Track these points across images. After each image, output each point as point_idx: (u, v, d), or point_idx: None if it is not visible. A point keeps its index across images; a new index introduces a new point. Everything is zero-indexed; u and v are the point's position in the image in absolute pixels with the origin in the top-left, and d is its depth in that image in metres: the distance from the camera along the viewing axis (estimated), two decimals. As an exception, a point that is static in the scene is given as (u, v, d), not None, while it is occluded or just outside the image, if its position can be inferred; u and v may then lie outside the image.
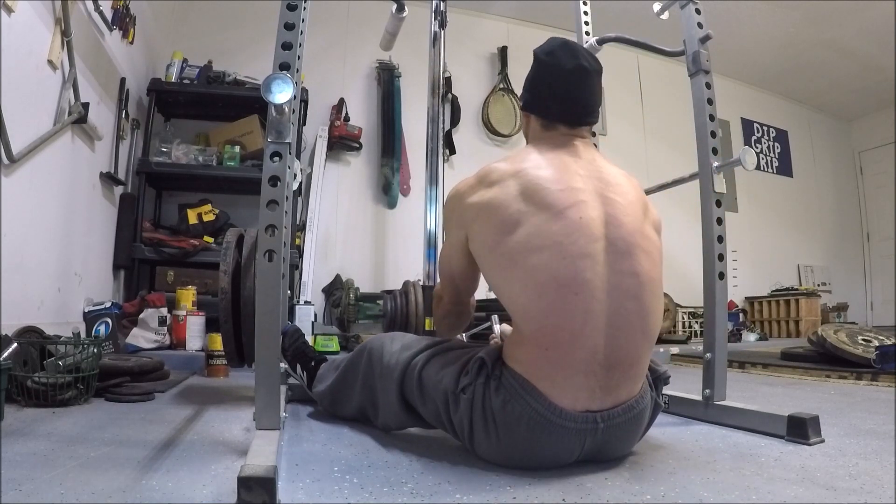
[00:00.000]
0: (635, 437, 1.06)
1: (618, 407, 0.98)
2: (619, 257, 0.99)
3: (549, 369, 0.95)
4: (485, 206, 1.04)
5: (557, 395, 0.94)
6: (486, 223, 1.04)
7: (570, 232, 0.97)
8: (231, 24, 3.71)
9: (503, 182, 1.04)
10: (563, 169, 1.05)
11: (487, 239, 1.03)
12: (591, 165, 1.08)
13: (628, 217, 1.02)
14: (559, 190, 1.01)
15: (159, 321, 2.52)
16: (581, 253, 0.96)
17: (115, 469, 0.92)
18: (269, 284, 1.02)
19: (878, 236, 5.81)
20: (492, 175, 1.06)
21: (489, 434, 0.98)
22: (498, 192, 1.03)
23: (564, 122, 1.12)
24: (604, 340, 0.95)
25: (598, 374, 0.95)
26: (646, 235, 1.04)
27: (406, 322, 1.70)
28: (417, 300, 1.71)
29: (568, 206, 0.99)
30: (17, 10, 1.75)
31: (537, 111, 1.16)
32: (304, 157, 3.57)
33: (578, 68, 1.10)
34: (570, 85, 1.11)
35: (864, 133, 6.03)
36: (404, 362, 1.14)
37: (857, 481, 0.92)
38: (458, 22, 2.80)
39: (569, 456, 0.98)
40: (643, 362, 1.02)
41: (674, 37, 1.58)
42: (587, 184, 1.03)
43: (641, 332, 0.99)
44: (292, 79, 1.04)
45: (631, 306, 0.98)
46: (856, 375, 2.26)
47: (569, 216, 0.98)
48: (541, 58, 1.14)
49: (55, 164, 2.13)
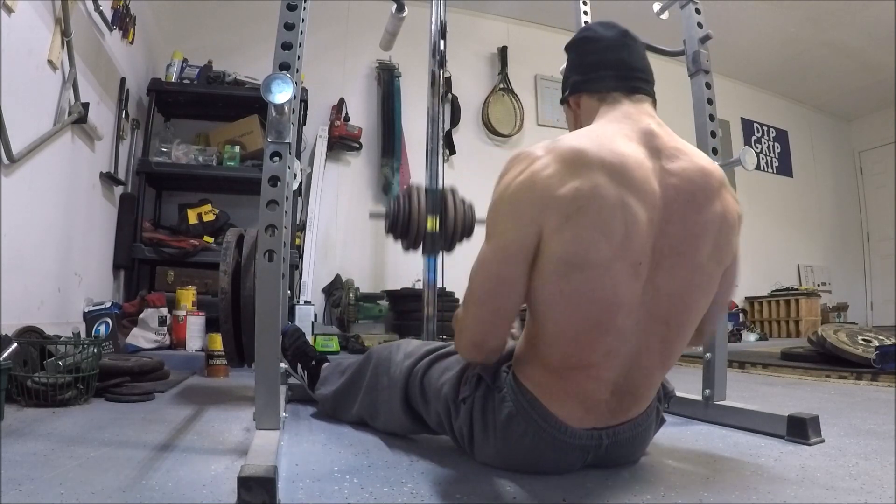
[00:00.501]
0: (640, 450, 1.04)
1: (623, 424, 0.96)
2: (661, 272, 0.86)
3: (561, 393, 0.92)
4: (581, 204, 0.81)
5: (565, 415, 0.91)
6: (582, 227, 0.82)
7: (623, 242, 0.82)
8: (231, 24, 3.71)
9: (593, 172, 0.82)
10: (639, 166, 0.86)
11: (574, 247, 0.82)
12: (662, 151, 0.89)
13: (688, 228, 0.86)
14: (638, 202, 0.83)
15: (159, 321, 2.52)
16: (625, 271, 0.83)
17: (115, 469, 0.92)
18: (269, 284, 1.02)
19: (878, 236, 5.81)
20: (582, 160, 0.83)
21: (490, 443, 0.97)
22: (597, 189, 0.82)
23: (622, 89, 0.96)
24: (622, 373, 0.90)
25: (610, 401, 0.92)
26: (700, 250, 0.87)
27: (408, 224, 1.73)
28: (420, 203, 1.74)
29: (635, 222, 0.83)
30: (17, 10, 1.75)
31: (589, 87, 0.99)
32: (304, 157, 3.57)
33: (623, 34, 1.00)
34: (619, 50, 0.99)
35: (864, 133, 6.03)
36: (407, 370, 1.14)
37: (857, 481, 0.92)
38: (458, 22, 2.80)
39: (570, 468, 0.97)
40: (655, 387, 0.98)
41: (674, 37, 1.58)
42: (656, 185, 0.86)
43: (661, 364, 0.93)
44: (292, 79, 1.04)
45: (660, 331, 0.89)
46: (856, 375, 2.26)
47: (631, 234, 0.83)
48: (578, 39, 1.04)
49: (55, 164, 2.13)
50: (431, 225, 1.74)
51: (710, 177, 0.90)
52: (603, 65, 0.99)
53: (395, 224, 1.73)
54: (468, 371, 1.01)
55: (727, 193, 0.92)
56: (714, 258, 0.89)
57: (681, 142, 0.94)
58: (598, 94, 0.98)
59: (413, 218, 1.71)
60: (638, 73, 0.99)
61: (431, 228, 1.73)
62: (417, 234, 1.75)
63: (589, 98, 0.99)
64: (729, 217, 0.90)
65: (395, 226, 1.73)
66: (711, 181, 0.90)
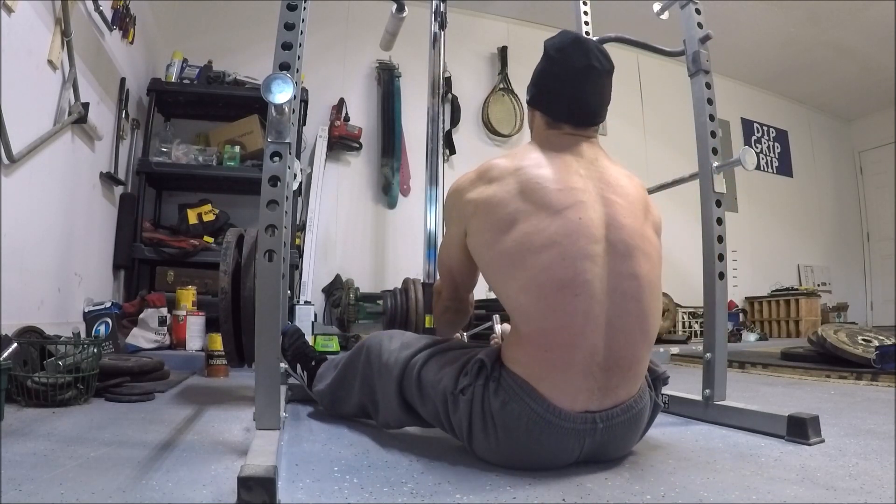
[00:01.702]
0: (635, 437, 1.06)
1: (616, 407, 0.98)
2: (618, 259, 0.98)
3: (548, 370, 0.95)
4: (483, 203, 1.04)
5: (556, 397, 0.94)
6: (484, 220, 1.03)
7: (570, 233, 0.97)
8: (231, 24, 3.71)
9: (503, 179, 1.03)
10: (564, 168, 1.04)
11: (485, 236, 1.03)
12: (593, 165, 1.07)
13: (628, 219, 1.02)
14: (558, 189, 1.00)
15: (159, 321, 2.52)
16: (581, 254, 0.96)
17: (115, 469, 0.92)
18: (269, 284, 1.02)
19: (878, 236, 5.82)
20: (492, 171, 1.06)
21: (488, 434, 0.98)
22: (497, 189, 1.03)
23: (570, 122, 1.11)
24: (603, 342, 0.95)
25: (597, 376, 0.95)
26: (646, 237, 1.04)
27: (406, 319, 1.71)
28: (417, 298, 1.72)
29: (567, 206, 0.99)
30: (17, 10, 1.75)
31: (543, 108, 1.14)
32: (304, 157, 3.57)
33: (588, 68, 1.08)
34: (578, 85, 1.09)
35: (864, 133, 6.03)
36: (403, 361, 1.13)
37: (857, 481, 0.92)
38: (458, 22, 2.80)
39: (568, 456, 0.98)
40: (642, 363, 1.02)
41: (674, 37, 1.58)
42: (588, 184, 1.03)
43: (641, 333, 0.99)
44: (292, 79, 1.04)
45: (630, 308, 0.98)
46: (856, 375, 2.26)
47: (568, 216, 0.98)
48: (551, 53, 1.12)
49: (55, 164, 2.13)
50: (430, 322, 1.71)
51: (632, 179, 1.11)
52: (560, 96, 1.11)
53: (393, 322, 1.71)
54: (470, 363, 1.01)
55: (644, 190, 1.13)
56: (653, 230, 1.07)
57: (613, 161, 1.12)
58: (548, 118, 1.13)
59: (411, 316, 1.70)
60: (588, 109, 1.11)
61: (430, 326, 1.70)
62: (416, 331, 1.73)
63: (541, 117, 1.14)
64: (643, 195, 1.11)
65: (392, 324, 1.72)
66: (634, 181, 1.11)
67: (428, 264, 1.91)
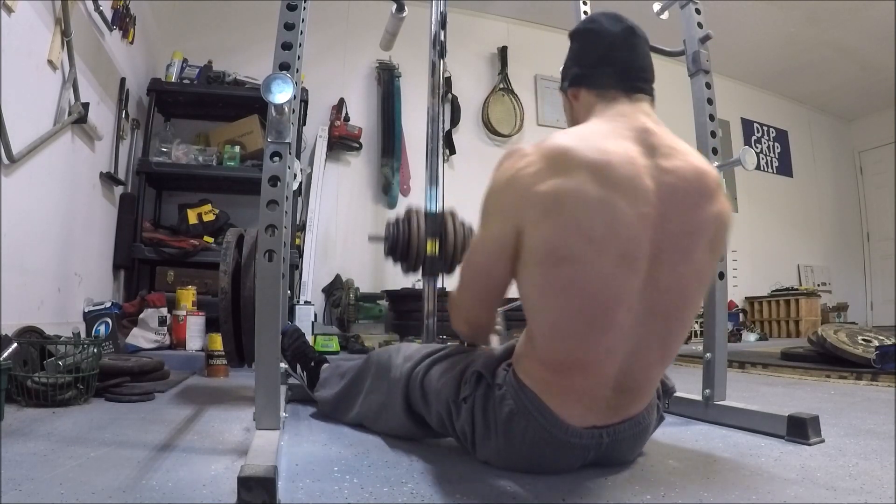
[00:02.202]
0: (640, 448, 1.05)
1: (624, 423, 0.96)
2: (661, 267, 0.87)
3: (560, 390, 0.92)
4: (561, 203, 0.84)
5: (566, 413, 0.92)
6: (561, 222, 0.84)
7: (606, 237, 0.84)
8: (231, 24, 3.71)
9: (578, 172, 0.84)
10: (628, 160, 0.87)
11: (557, 244, 0.85)
12: (655, 149, 0.90)
13: (685, 225, 0.87)
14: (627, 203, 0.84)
15: (159, 321, 2.52)
16: (622, 270, 0.84)
17: (115, 469, 0.92)
18: (269, 284, 1.02)
19: (878, 236, 5.81)
20: (566, 158, 0.85)
21: (491, 441, 0.97)
22: (577, 186, 0.83)
23: (622, 87, 0.97)
24: (621, 368, 0.90)
25: (609, 397, 0.92)
26: (702, 235, 0.89)
27: (408, 246, 1.72)
28: (420, 225, 1.73)
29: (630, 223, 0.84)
30: (17, 10, 1.75)
31: (589, 82, 1.00)
32: (304, 157, 3.57)
33: (628, 30, 0.98)
34: (622, 47, 0.98)
35: (864, 133, 6.03)
36: (407, 373, 1.14)
37: (857, 481, 0.92)
38: (458, 22, 2.79)
39: (571, 468, 0.97)
40: (655, 383, 0.99)
41: (674, 37, 1.58)
42: (646, 176, 0.87)
43: (660, 357, 0.94)
44: (292, 79, 1.04)
45: (657, 328, 0.89)
46: (856, 375, 2.26)
47: (622, 236, 0.84)
48: (582, 29, 1.03)
49: (55, 164, 2.13)
50: (431, 248, 1.72)
51: (707, 176, 0.92)
52: (604, 61, 0.99)
53: (395, 248, 1.72)
54: (468, 370, 1.01)
55: (722, 194, 0.94)
56: (709, 255, 0.91)
57: (678, 141, 0.94)
58: (597, 90, 0.98)
59: (412, 242, 1.71)
60: (638, 72, 0.99)
61: (431, 252, 1.72)
62: (417, 258, 1.74)
63: (587, 93, 1.00)
64: (724, 217, 0.92)
65: (394, 249, 1.72)
66: (708, 180, 0.91)
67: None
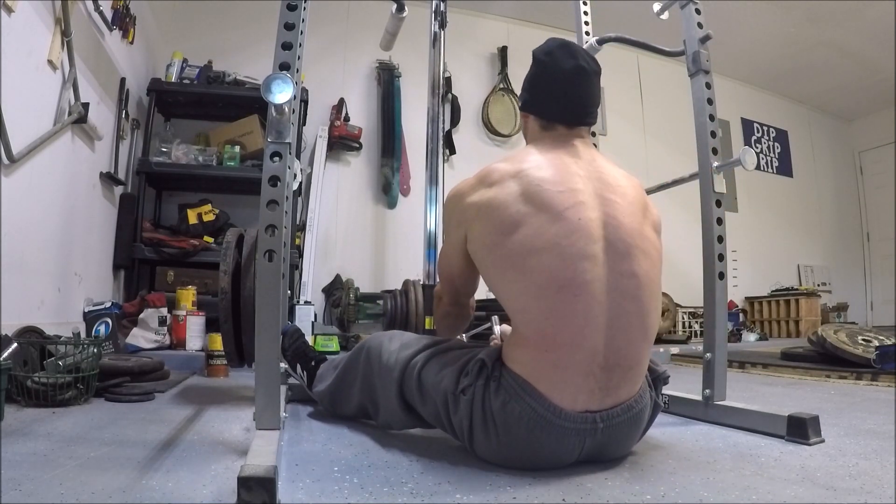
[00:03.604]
0: (635, 437, 1.06)
1: (617, 407, 0.98)
2: (618, 258, 0.99)
3: (549, 370, 0.95)
4: (485, 206, 1.04)
5: (557, 396, 0.95)
6: (485, 223, 1.04)
7: (570, 233, 0.97)
8: (231, 24, 3.71)
9: (503, 182, 1.04)
10: (563, 170, 1.05)
11: (486, 239, 1.03)
12: (591, 166, 1.08)
13: (627, 218, 1.02)
14: (559, 191, 1.01)
15: (159, 321, 2.53)
16: (580, 254, 0.96)
17: (115, 469, 0.92)
18: (269, 284, 1.02)
19: (878, 236, 5.81)
20: (492, 175, 1.06)
21: (489, 434, 0.98)
22: (498, 193, 1.03)
23: (563, 122, 1.13)
24: (603, 342, 0.95)
25: (598, 375, 0.96)
26: (645, 236, 1.04)
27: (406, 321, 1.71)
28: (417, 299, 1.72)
29: (567, 207, 0.99)
30: (17, 10, 1.75)
31: (536, 111, 1.16)
32: (304, 157, 3.57)
33: (577, 68, 1.11)
34: (568, 85, 1.12)
35: (864, 133, 6.03)
36: (403, 362, 1.13)
37: (857, 481, 0.92)
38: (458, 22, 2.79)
39: (568, 456, 0.98)
40: (643, 363, 1.02)
41: (674, 37, 1.58)
42: (587, 185, 1.04)
43: (641, 332, 1.00)
44: (292, 79, 1.04)
45: (630, 307, 0.98)
46: (856, 375, 2.26)
47: (568, 217, 0.98)
48: (539, 58, 1.15)
49: (55, 164, 2.13)
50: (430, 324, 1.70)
51: (635, 184, 1.11)
52: (551, 95, 1.14)
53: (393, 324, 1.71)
54: (471, 362, 1.01)
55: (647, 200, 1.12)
56: (653, 229, 1.08)
57: (607, 160, 1.13)
58: (542, 121, 1.15)
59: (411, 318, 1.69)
60: (582, 108, 1.14)
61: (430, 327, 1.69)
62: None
63: (534, 120, 1.16)
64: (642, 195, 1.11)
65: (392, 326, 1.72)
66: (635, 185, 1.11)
67: (428, 265, 1.91)
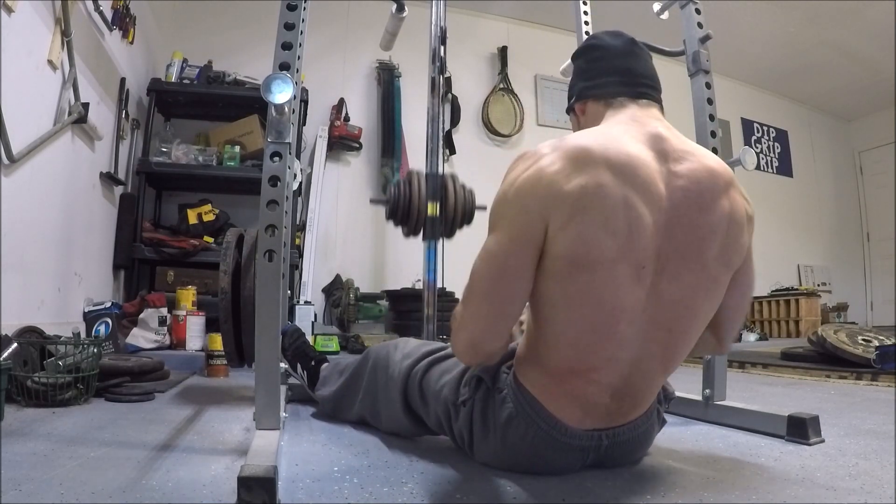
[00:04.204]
0: (640, 451, 1.04)
1: (624, 426, 0.96)
2: (666, 278, 0.84)
3: (560, 395, 0.91)
4: (587, 200, 0.80)
5: (566, 417, 0.91)
6: (587, 224, 0.80)
7: (626, 242, 0.81)
8: (231, 24, 3.71)
9: (601, 171, 0.81)
10: (642, 162, 0.85)
11: (578, 246, 0.81)
12: (668, 153, 0.88)
13: (693, 226, 0.84)
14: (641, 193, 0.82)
15: (159, 321, 2.52)
16: (631, 276, 0.82)
17: (115, 469, 0.92)
18: (269, 284, 1.02)
19: (878, 236, 5.81)
20: (589, 157, 0.82)
21: (490, 444, 0.97)
22: (600, 184, 0.81)
23: (628, 93, 0.96)
24: (622, 377, 0.90)
25: (609, 403, 0.92)
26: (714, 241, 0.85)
27: (408, 209, 1.73)
28: (420, 188, 1.74)
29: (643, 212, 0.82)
30: (17, 10, 1.75)
31: (595, 93, 0.99)
32: (304, 157, 3.57)
33: (628, 42, 1.00)
34: (625, 58, 0.99)
35: (864, 133, 6.03)
36: (406, 371, 1.13)
37: (857, 481, 0.92)
38: (458, 22, 2.80)
39: (570, 469, 0.96)
40: (655, 392, 0.98)
41: (674, 37, 1.58)
42: (659, 179, 0.85)
43: (661, 368, 0.93)
44: (292, 79, 1.04)
45: (661, 338, 0.88)
46: (856, 375, 2.26)
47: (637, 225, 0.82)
48: (585, 47, 1.04)
49: (55, 164, 2.13)
50: (432, 210, 1.73)
51: (717, 176, 0.88)
52: (609, 71, 0.99)
53: (396, 209, 1.73)
54: (468, 373, 1.01)
55: (735, 192, 0.90)
56: (721, 261, 0.87)
57: (690, 144, 0.92)
58: (605, 98, 0.98)
59: (413, 203, 1.72)
60: (644, 79, 0.98)
61: (432, 214, 1.73)
62: (418, 220, 1.75)
63: (595, 103, 0.99)
64: (737, 216, 0.88)
65: (395, 211, 1.74)
66: (718, 180, 0.88)
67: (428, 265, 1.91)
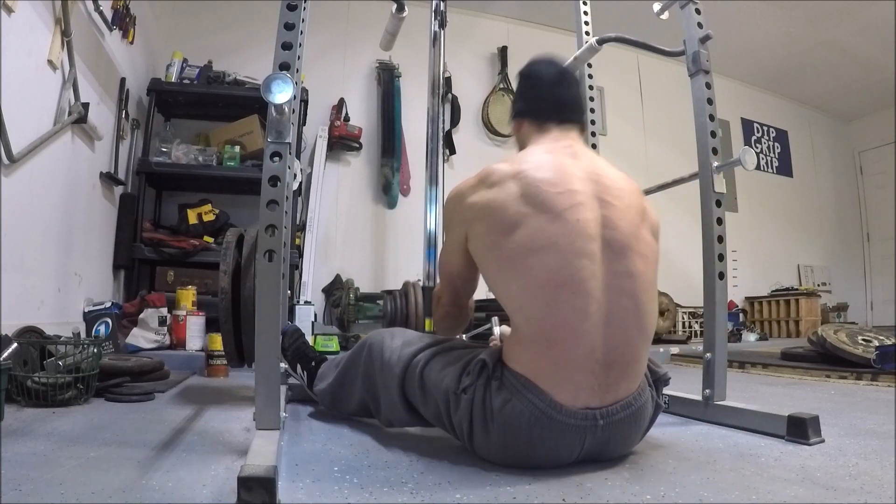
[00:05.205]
0: (636, 435, 1.06)
1: (617, 404, 0.99)
2: (614, 257, 1.01)
3: (549, 367, 0.97)
4: (485, 207, 1.06)
5: (557, 393, 0.96)
6: (485, 223, 1.05)
7: (568, 233, 1.00)
8: (231, 24, 3.71)
9: (504, 183, 1.06)
10: (562, 171, 1.06)
11: (487, 239, 1.05)
12: (590, 168, 1.10)
13: (624, 220, 1.04)
14: (558, 192, 1.03)
15: (159, 321, 2.53)
16: (579, 253, 0.99)
17: (115, 469, 0.92)
18: (269, 284, 1.02)
19: (878, 236, 5.81)
20: (492, 176, 1.08)
21: (489, 433, 0.99)
22: (498, 193, 1.05)
23: (555, 119, 1.17)
24: (601, 338, 0.97)
25: (597, 372, 0.97)
26: (641, 238, 1.06)
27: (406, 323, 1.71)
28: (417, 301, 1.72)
29: (566, 208, 1.01)
30: (17, 10, 1.75)
31: (529, 114, 1.21)
32: (304, 157, 3.57)
33: (560, 72, 1.23)
34: (555, 87, 1.21)
35: (864, 133, 6.03)
36: (406, 359, 1.14)
37: (857, 481, 0.92)
38: (458, 22, 2.79)
39: (569, 454, 0.98)
40: (641, 360, 1.04)
41: (674, 37, 1.58)
42: (585, 186, 1.06)
43: (638, 330, 1.02)
44: (292, 79, 1.04)
45: (627, 304, 1.00)
46: (856, 375, 2.26)
47: (567, 218, 1.01)
48: (525, 73, 1.26)
49: (55, 164, 2.13)
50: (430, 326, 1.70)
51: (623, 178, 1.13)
52: (541, 98, 1.22)
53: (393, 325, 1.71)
54: (473, 361, 1.02)
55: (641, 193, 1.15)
56: (650, 232, 1.09)
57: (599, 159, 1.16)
58: (536, 123, 1.20)
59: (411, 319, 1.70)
60: (568, 106, 1.21)
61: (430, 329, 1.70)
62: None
63: (528, 125, 1.22)
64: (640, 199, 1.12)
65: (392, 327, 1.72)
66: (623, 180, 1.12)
67: (428, 265, 1.91)
